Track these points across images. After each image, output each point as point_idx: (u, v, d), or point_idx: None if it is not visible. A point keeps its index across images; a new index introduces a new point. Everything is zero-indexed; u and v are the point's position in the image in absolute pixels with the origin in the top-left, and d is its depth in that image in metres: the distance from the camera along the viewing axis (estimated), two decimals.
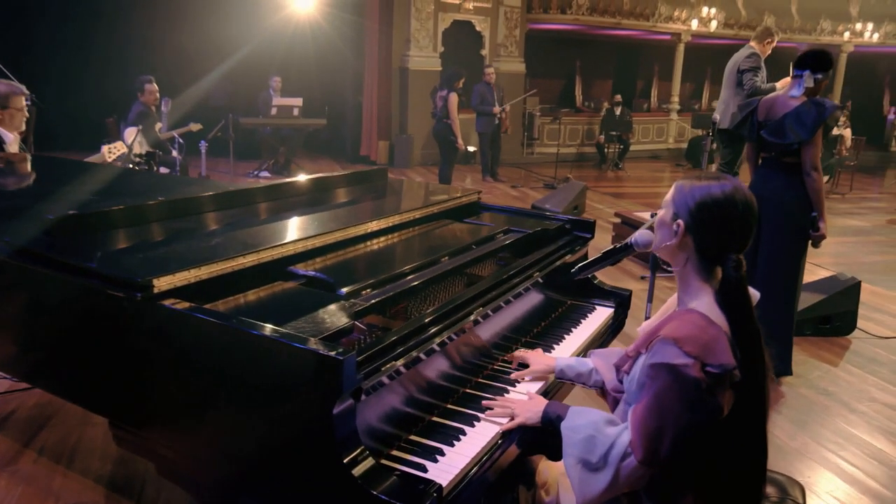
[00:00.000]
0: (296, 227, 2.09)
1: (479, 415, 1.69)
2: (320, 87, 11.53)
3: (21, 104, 3.47)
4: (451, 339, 1.71)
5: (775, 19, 13.94)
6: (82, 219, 1.92)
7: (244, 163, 9.66)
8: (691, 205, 1.47)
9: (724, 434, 1.41)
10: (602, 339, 2.41)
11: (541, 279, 2.24)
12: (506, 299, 1.99)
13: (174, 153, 6.17)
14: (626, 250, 1.80)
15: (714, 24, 13.77)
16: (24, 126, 3.55)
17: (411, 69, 11.27)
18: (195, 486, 1.61)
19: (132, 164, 5.04)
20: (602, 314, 2.52)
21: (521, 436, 1.67)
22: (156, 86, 6.36)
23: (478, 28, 12.04)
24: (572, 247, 2.56)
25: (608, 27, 13.47)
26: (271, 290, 1.71)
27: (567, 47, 14.95)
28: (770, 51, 5.70)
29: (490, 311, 1.90)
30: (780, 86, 4.86)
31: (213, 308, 1.52)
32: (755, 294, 1.55)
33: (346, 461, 1.30)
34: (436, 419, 1.67)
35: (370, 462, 1.34)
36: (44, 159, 3.77)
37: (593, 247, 2.66)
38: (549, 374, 1.94)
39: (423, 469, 1.45)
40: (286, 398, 1.36)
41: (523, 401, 1.72)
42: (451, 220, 2.55)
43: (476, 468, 1.51)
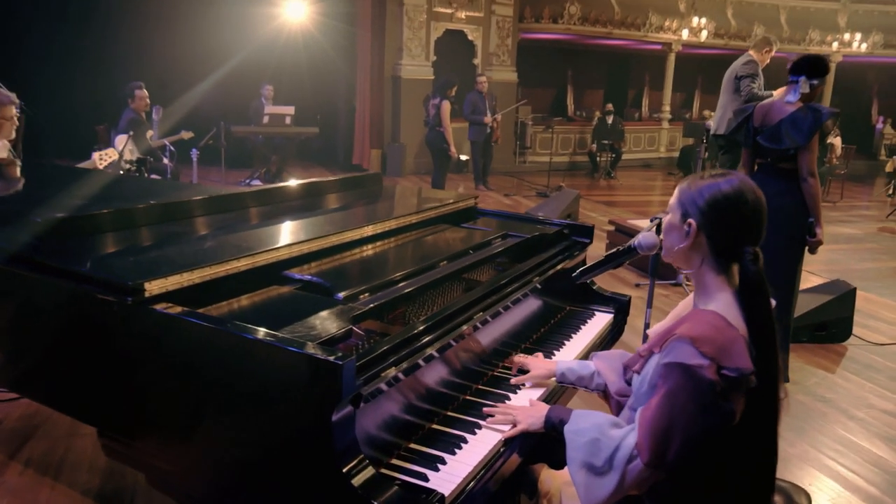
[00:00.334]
0: (291, 232, 2.05)
1: (481, 422, 1.65)
2: (312, 96, 11.50)
3: (11, 113, 3.40)
4: (452, 344, 1.67)
5: (765, 29, 14.05)
6: (71, 222, 1.87)
7: (236, 171, 9.60)
8: (701, 202, 1.44)
9: (733, 439, 1.37)
10: (602, 345, 2.37)
11: (540, 284, 2.21)
12: (506, 304, 1.95)
13: (165, 161, 6.11)
14: (628, 253, 1.77)
15: (704, 34, 13.87)
16: (14, 134, 3.48)
17: (404, 78, 11.27)
18: (187, 497, 1.56)
19: (123, 171, 4.98)
20: (601, 320, 2.48)
21: (523, 444, 1.63)
22: (146, 92, 6.30)
23: (470, 37, 12.07)
24: (571, 252, 2.53)
25: (599, 37, 13.55)
26: (266, 294, 1.66)
27: (559, 57, 15.03)
28: (768, 60, 5.73)
29: (490, 317, 1.86)
30: (776, 94, 4.87)
31: (206, 313, 1.48)
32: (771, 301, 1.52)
33: (345, 470, 1.25)
34: (436, 427, 1.62)
35: (370, 471, 1.29)
36: (35, 164, 3.71)
37: (587, 255, 2.63)
38: (550, 379, 1.91)
39: (425, 478, 1.41)
40: (283, 405, 1.31)
41: (525, 407, 1.68)
42: (447, 225, 2.51)
43: (478, 477, 1.47)
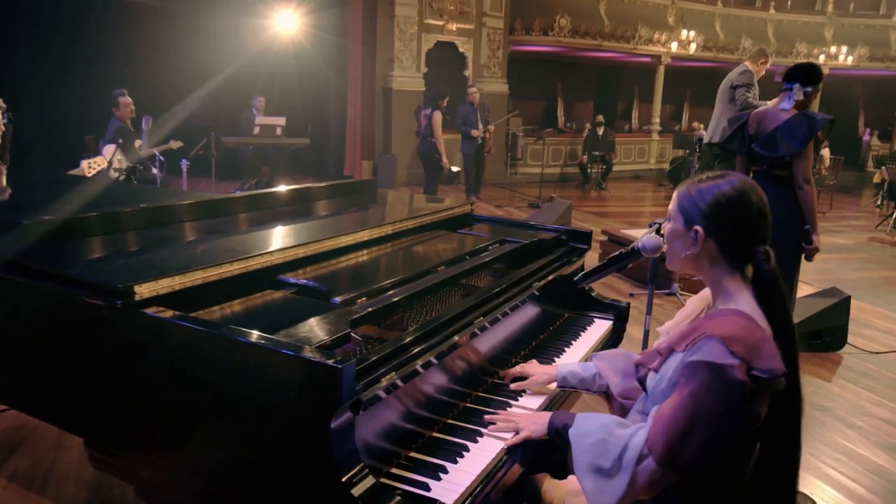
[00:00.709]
0: (285, 236, 2.00)
1: (482, 430, 1.60)
2: (303, 107, 11.48)
3: None
4: (452, 349, 1.62)
5: (752, 42, 14.20)
6: (58, 225, 1.81)
7: (226, 182, 9.53)
8: (704, 207, 1.41)
9: (753, 444, 1.33)
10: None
11: (540, 290, 2.17)
12: (507, 309, 1.90)
13: (154, 170, 6.04)
14: (632, 256, 1.73)
15: (693, 47, 13.99)
16: None
17: (395, 89, 11.27)
18: None
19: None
20: (601, 327, 2.44)
21: (525, 452, 1.58)
22: (129, 98, 6.18)
23: (461, 49, 12.10)
24: (569, 258, 2.49)
25: (589, 49, 13.64)
26: (261, 298, 1.61)
27: (549, 69, 15.10)
28: (764, 71, 5.77)
29: (490, 322, 1.81)
30: (771, 104, 4.89)
31: (198, 317, 1.42)
32: None
33: (344, 480, 1.20)
34: (437, 435, 1.57)
35: (370, 480, 1.24)
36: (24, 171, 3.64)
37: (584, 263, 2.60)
38: (551, 384, 1.86)
39: (427, 488, 1.36)
40: (279, 412, 1.25)
41: (527, 413, 1.63)
42: (444, 231, 2.47)
43: (481, 487, 1.41)
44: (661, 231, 1.50)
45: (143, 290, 1.40)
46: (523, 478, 1.65)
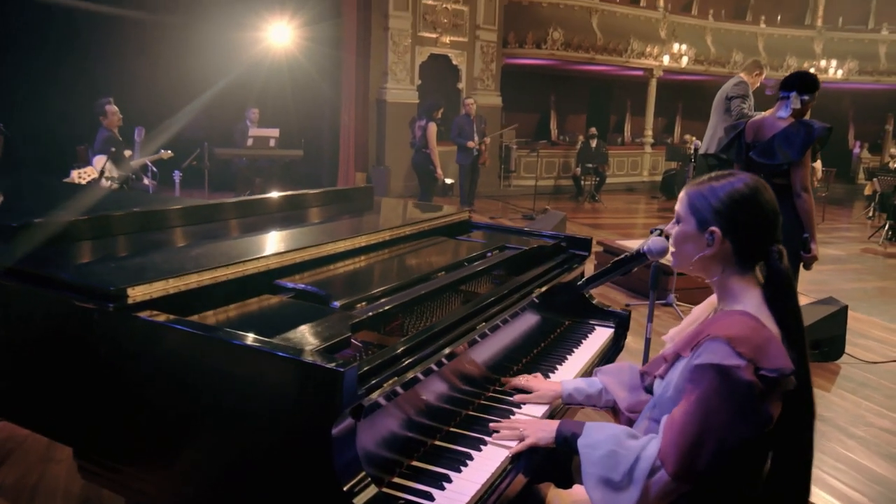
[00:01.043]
0: (282, 241, 1.96)
1: (486, 438, 1.55)
2: (297, 119, 11.45)
3: None
4: (456, 355, 1.58)
5: (743, 55, 14.31)
6: (48, 228, 1.76)
7: (219, 194, 9.46)
8: (719, 206, 1.37)
9: (766, 448, 1.29)
10: (604, 360, 2.29)
11: (541, 296, 2.13)
12: (509, 314, 1.86)
13: (146, 180, 5.99)
14: (637, 260, 1.70)
15: (685, 60, 14.08)
16: None
17: (389, 101, 11.27)
18: None
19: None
20: (602, 335, 2.41)
21: (529, 461, 1.53)
22: (115, 107, 6.12)
23: (454, 62, 12.13)
24: (570, 264, 2.46)
25: (582, 62, 13.69)
26: (258, 303, 1.57)
27: (542, 82, 15.17)
28: (759, 83, 5.79)
29: (493, 328, 1.78)
30: (769, 113, 4.91)
31: (194, 321, 1.38)
32: None
33: (346, 489, 1.15)
34: (439, 443, 1.52)
35: (373, 490, 1.19)
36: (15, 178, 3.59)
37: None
38: (556, 400, 1.81)
39: (430, 498, 1.31)
40: (278, 418, 1.21)
41: (533, 420, 1.59)
42: (443, 238, 2.43)
43: (486, 496, 1.37)
44: (672, 236, 1.46)
45: (137, 293, 1.36)
46: (527, 488, 1.61)
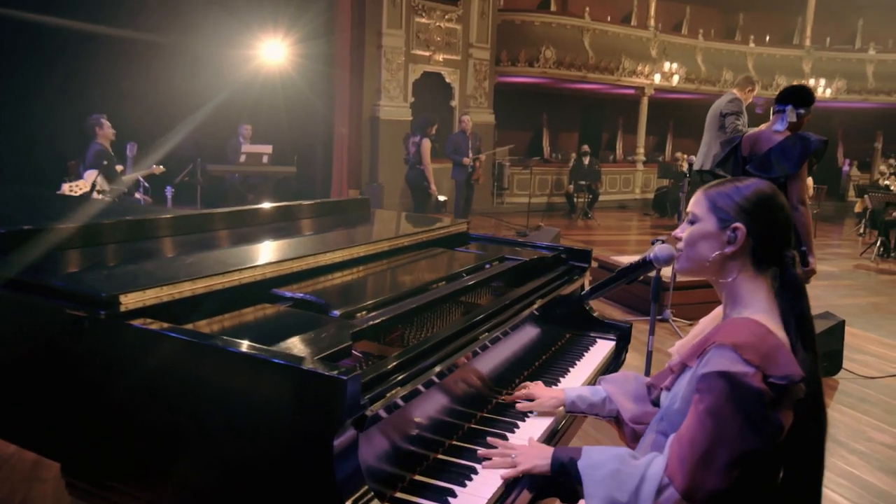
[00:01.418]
0: (279, 250, 1.91)
1: (477, 466, 1.48)
2: (290, 136, 11.43)
3: None
4: (460, 365, 1.53)
5: (733, 74, 14.45)
6: (37, 234, 1.70)
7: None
8: (745, 204, 1.35)
9: (778, 461, 1.25)
10: (606, 374, 2.25)
11: (542, 307, 2.09)
12: (512, 325, 1.82)
13: (138, 195, 5.94)
14: (642, 268, 1.66)
15: (676, 79, 14.20)
16: None
17: (382, 118, 11.29)
18: None
19: None
20: (604, 347, 2.37)
21: (532, 480, 1.47)
22: (108, 122, 6.09)
23: (447, 80, 12.18)
24: (570, 276, 2.43)
25: (574, 80, 13.79)
26: (255, 312, 1.52)
27: (534, 100, 15.25)
28: (751, 98, 5.83)
29: (498, 337, 1.73)
30: (765, 127, 4.94)
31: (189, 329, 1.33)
32: None
33: (348, 503, 1.10)
34: (442, 457, 1.47)
35: None
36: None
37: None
38: (559, 408, 1.77)
39: None
40: (277, 429, 1.15)
41: (525, 446, 1.50)
42: (442, 249, 2.40)
43: None
44: (686, 236, 1.44)
45: (129, 301, 1.31)
46: None
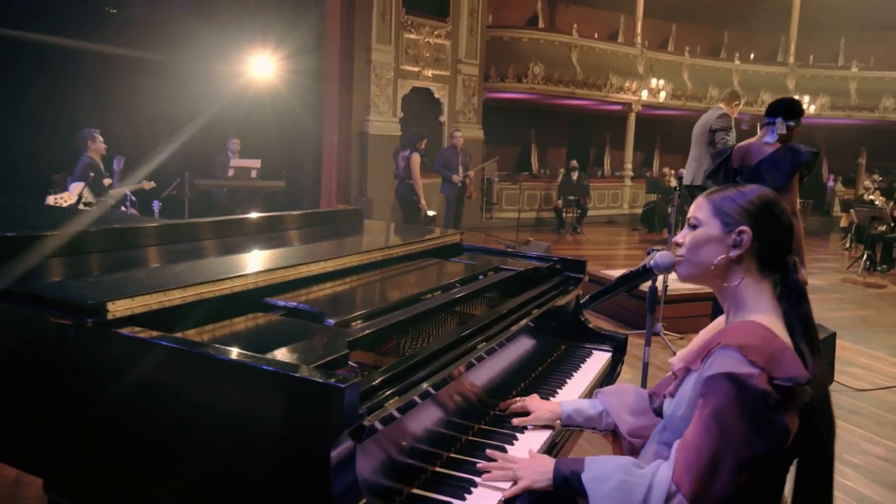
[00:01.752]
0: (270, 259, 1.87)
1: (477, 479, 1.44)
2: (279, 151, 11.40)
3: None
4: (458, 375, 1.50)
5: (719, 91, 14.60)
6: (20, 242, 1.65)
7: None
8: (751, 207, 1.34)
9: (786, 468, 1.22)
10: (602, 386, 2.22)
11: (538, 318, 2.06)
12: (509, 334, 1.79)
13: (124, 209, 5.87)
14: (643, 275, 1.63)
15: (663, 95, 14.33)
16: None
17: (371, 133, 11.29)
18: None
19: None
20: (600, 358, 2.34)
21: (532, 496, 1.43)
22: (101, 137, 6.08)
23: (436, 95, 12.22)
24: (565, 287, 2.40)
25: (562, 97, 13.89)
26: (248, 321, 1.48)
27: (523, 116, 15.34)
28: (737, 112, 5.88)
29: (500, 343, 1.70)
30: (755, 139, 4.97)
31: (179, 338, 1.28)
32: None
33: None
34: (440, 470, 1.43)
35: None
36: None
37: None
38: (556, 421, 1.73)
39: None
40: (272, 441, 1.11)
41: (526, 459, 1.45)
42: (436, 259, 2.36)
43: None
44: (688, 241, 1.42)
45: (117, 308, 1.26)
46: None
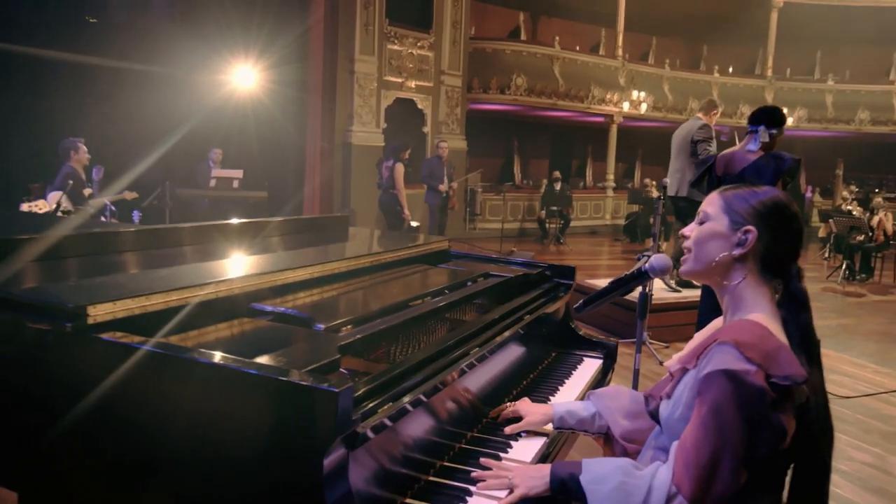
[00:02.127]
0: (257, 265, 1.83)
1: (472, 488, 1.41)
2: (262, 161, 11.32)
3: None
4: (453, 381, 1.46)
5: (699, 103, 14.77)
6: None
7: None
8: (761, 209, 1.32)
9: (784, 470, 1.20)
10: None
11: (529, 324, 2.03)
12: (502, 340, 1.76)
13: (103, 219, 5.78)
14: (637, 279, 1.62)
15: (644, 107, 14.47)
16: None
17: (354, 144, 11.25)
18: None
19: None
20: (591, 365, 2.31)
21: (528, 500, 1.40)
22: (85, 147, 6.01)
23: (420, 106, 12.22)
24: (555, 293, 2.38)
25: (545, 108, 13.97)
26: (235, 327, 1.43)
27: (505, 127, 15.41)
28: (715, 121, 5.94)
29: (495, 348, 1.67)
30: (738, 147, 5.02)
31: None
32: None
33: None
34: (434, 479, 1.39)
35: None
36: None
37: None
38: (548, 425, 1.70)
39: None
40: (261, 449, 1.07)
41: (521, 466, 1.43)
42: (425, 265, 2.33)
43: None
44: (693, 236, 1.41)
45: (98, 313, 1.21)
46: None
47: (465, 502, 1.31)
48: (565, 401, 1.91)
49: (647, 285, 3.71)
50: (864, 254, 10.13)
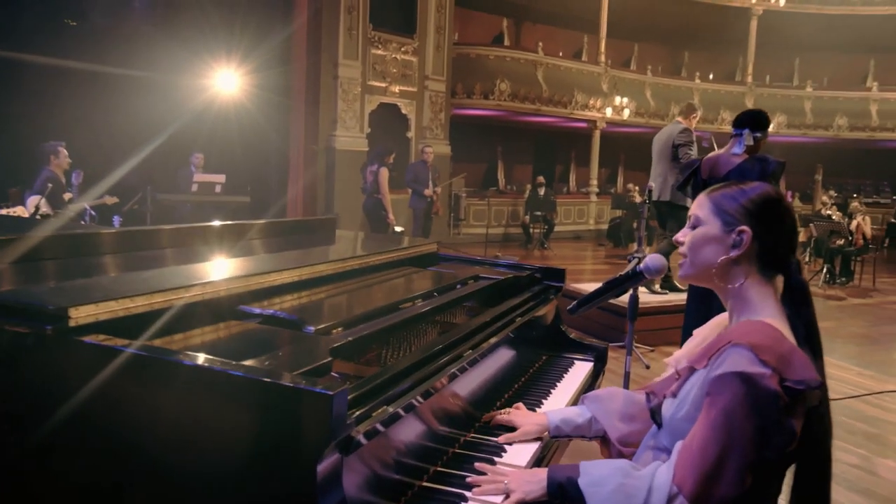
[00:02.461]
0: (244, 266, 1.79)
1: (467, 494, 1.38)
2: (245, 165, 11.22)
3: None
4: (446, 385, 1.43)
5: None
6: None
7: None
8: (751, 207, 1.30)
9: (784, 471, 1.19)
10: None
11: (520, 327, 2.01)
12: (495, 343, 1.73)
13: (83, 223, 5.68)
14: (632, 280, 1.60)
15: (627, 113, 14.58)
16: None
17: (338, 149, 11.20)
18: None
19: None
20: (582, 368, 2.29)
21: None
22: (66, 151, 5.93)
23: (404, 111, 12.20)
24: (546, 295, 2.36)
25: (528, 113, 14.02)
26: (222, 329, 1.39)
27: (489, 132, 15.44)
28: (695, 124, 5.98)
29: (482, 355, 1.64)
30: (723, 151, 5.05)
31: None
32: None
33: None
34: (428, 484, 1.35)
35: None
36: None
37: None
38: (543, 433, 1.67)
39: None
40: (252, 456, 1.03)
41: (516, 471, 1.40)
42: (414, 268, 2.30)
43: None
44: (688, 240, 1.38)
45: (80, 315, 1.16)
46: None
47: (467, 501, 1.28)
48: (558, 408, 1.88)
49: (635, 288, 3.72)
50: (844, 258, 10.26)
